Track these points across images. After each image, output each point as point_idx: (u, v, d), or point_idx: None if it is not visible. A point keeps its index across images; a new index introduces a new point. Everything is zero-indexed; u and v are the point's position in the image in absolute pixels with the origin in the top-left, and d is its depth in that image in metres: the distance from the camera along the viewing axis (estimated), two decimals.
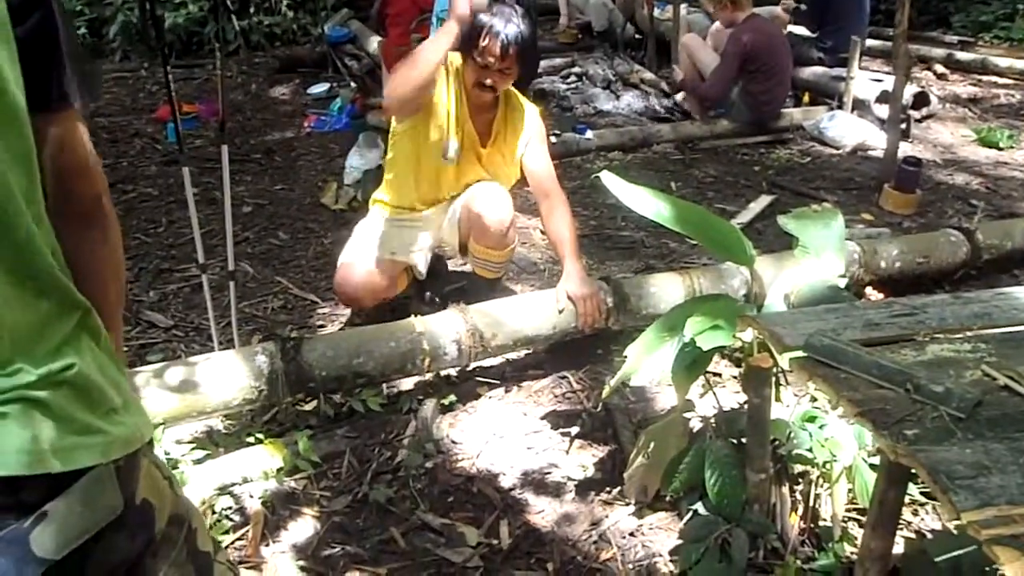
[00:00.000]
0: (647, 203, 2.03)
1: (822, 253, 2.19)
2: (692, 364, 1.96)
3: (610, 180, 2.05)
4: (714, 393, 2.17)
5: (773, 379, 1.96)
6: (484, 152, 2.84)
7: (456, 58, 2.72)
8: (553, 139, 4.62)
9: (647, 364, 2.00)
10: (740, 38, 4.95)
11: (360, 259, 2.83)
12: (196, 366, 2.31)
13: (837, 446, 1.97)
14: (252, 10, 7.71)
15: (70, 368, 0.77)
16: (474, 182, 2.84)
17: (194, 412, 2.27)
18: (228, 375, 2.32)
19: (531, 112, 2.87)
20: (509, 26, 2.56)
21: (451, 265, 3.35)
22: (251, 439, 2.36)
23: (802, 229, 2.25)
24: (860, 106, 5.34)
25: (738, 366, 2.65)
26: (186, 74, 6.79)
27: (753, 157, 5.00)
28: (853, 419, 1.24)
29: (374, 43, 6.23)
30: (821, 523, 2.00)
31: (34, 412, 0.72)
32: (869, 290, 3.17)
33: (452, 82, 2.71)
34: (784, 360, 1.66)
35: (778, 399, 2.12)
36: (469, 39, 2.58)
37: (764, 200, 4.14)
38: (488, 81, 2.64)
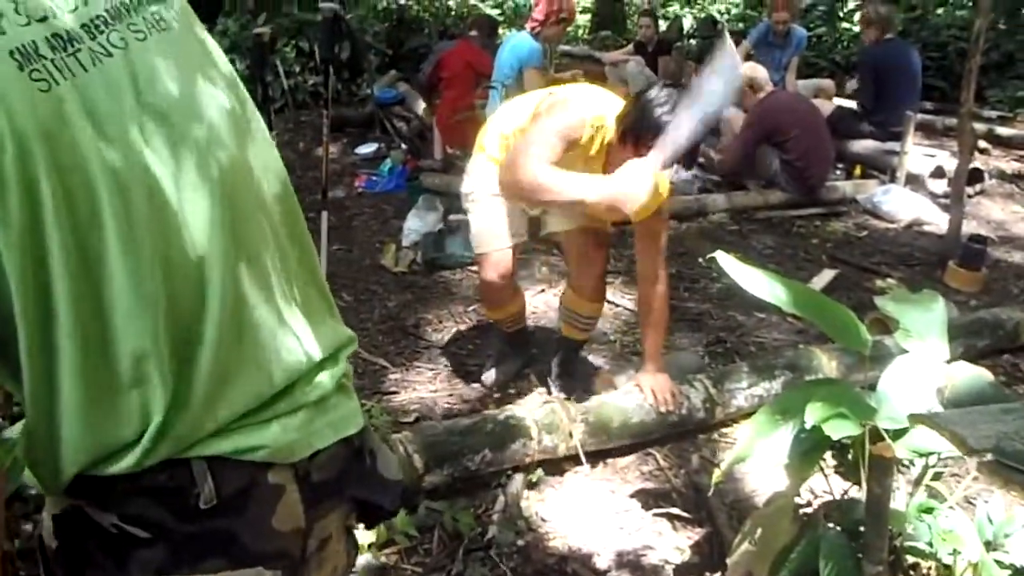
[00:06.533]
0: (763, 286, 2.00)
1: (926, 337, 2.15)
2: (810, 451, 1.91)
3: (726, 261, 2.02)
4: (826, 478, 2.12)
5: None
6: None
7: (605, 118, 2.52)
8: None
9: (760, 447, 1.95)
10: (753, 111, 5.35)
11: (501, 253, 2.75)
12: None
13: (959, 540, 1.90)
14: (298, 69, 7.85)
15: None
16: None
17: None
18: None
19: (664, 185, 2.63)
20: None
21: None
22: None
23: (902, 312, 2.21)
24: (913, 181, 5.34)
25: (837, 452, 2.59)
26: None
27: (809, 229, 4.97)
28: None
29: (422, 106, 6.32)
30: None
31: (349, 390, 1.05)
32: None
33: (596, 138, 2.52)
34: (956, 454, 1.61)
35: None
36: (641, 128, 2.37)
37: (828, 275, 4.11)
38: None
